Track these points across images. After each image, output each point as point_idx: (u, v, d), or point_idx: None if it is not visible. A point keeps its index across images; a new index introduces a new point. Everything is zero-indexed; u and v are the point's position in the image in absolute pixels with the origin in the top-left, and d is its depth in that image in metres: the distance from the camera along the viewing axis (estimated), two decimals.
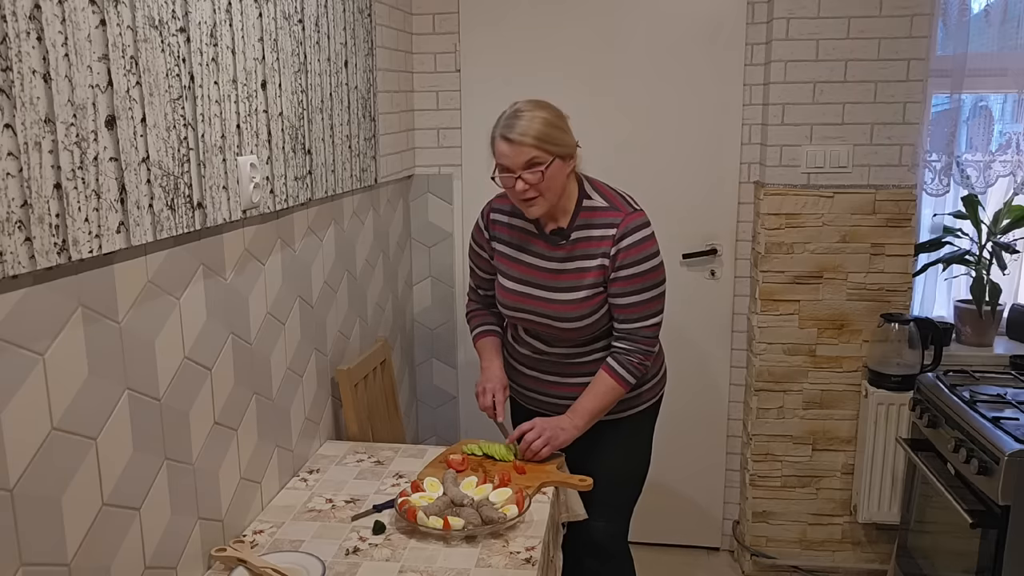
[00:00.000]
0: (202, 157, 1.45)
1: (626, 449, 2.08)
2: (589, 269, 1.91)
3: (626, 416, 2.04)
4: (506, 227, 2.03)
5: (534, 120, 1.81)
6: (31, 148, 1.03)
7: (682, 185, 2.87)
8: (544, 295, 1.95)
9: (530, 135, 1.80)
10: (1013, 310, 2.78)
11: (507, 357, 2.14)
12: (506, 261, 2.02)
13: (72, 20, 1.10)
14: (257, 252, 1.73)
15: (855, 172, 2.66)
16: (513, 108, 1.86)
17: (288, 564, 1.51)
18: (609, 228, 1.89)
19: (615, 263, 1.88)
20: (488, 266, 2.09)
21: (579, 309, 1.91)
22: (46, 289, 1.10)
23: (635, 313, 1.91)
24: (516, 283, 1.99)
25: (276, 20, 1.75)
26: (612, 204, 1.92)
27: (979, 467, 2.02)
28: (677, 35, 2.79)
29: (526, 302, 1.97)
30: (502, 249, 2.03)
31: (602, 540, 2.07)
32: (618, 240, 1.87)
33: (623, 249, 1.87)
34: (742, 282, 2.92)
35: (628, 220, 1.89)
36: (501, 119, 1.85)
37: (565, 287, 1.92)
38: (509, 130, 1.81)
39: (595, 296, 1.91)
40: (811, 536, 2.91)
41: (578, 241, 1.92)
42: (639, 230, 1.88)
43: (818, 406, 2.81)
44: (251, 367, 1.72)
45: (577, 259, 1.92)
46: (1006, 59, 2.54)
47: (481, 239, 2.09)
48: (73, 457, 1.16)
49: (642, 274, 1.88)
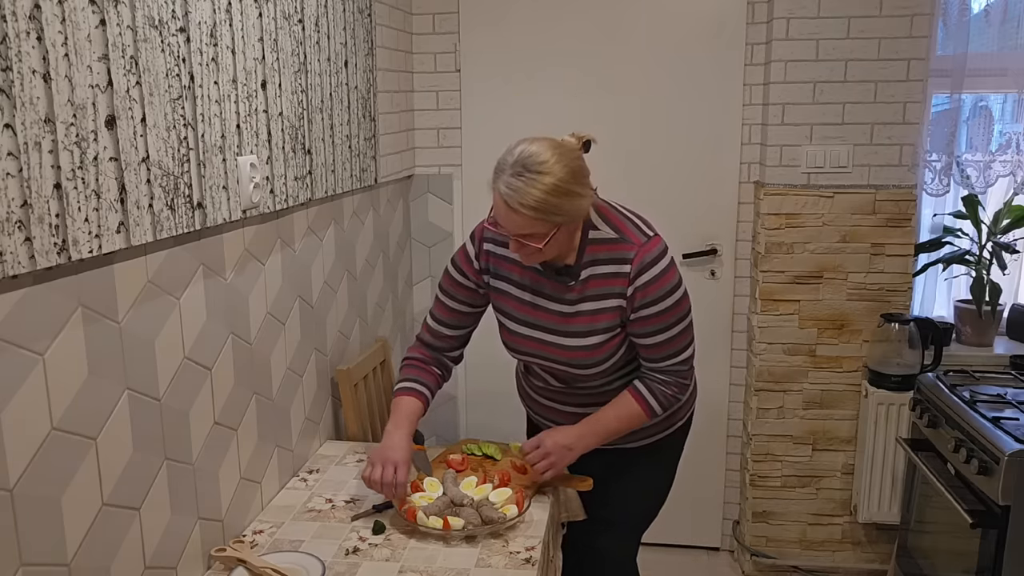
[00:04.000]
0: (202, 157, 1.45)
1: (652, 472, 1.94)
2: (604, 311, 1.70)
3: (654, 441, 1.89)
4: (504, 261, 1.78)
5: (539, 186, 1.52)
6: (31, 148, 1.03)
7: (682, 185, 2.87)
8: (556, 340, 1.75)
9: (531, 206, 1.53)
10: (1013, 310, 2.78)
11: (521, 384, 2.00)
12: (510, 302, 1.80)
13: (72, 20, 1.10)
14: (257, 252, 1.73)
15: (855, 172, 2.66)
16: (519, 155, 1.55)
17: (288, 564, 1.51)
18: (622, 264, 1.67)
19: (634, 304, 1.67)
20: (469, 297, 1.84)
21: (596, 355, 1.72)
22: (46, 289, 1.10)
23: (664, 351, 1.72)
24: (524, 327, 1.79)
25: (276, 20, 1.75)
26: (622, 235, 1.69)
27: (979, 467, 2.02)
28: (677, 35, 2.79)
29: (537, 347, 1.78)
30: (503, 287, 1.80)
31: (611, 557, 1.97)
32: (634, 278, 1.65)
33: (640, 288, 1.65)
34: (742, 282, 2.92)
35: (642, 253, 1.66)
36: (505, 167, 1.56)
37: (578, 332, 1.72)
38: (509, 195, 1.54)
39: (612, 339, 1.71)
40: (811, 536, 2.91)
41: (589, 280, 1.70)
42: (656, 263, 1.65)
43: (818, 406, 2.81)
44: (251, 367, 1.72)
45: (590, 299, 1.70)
46: (1006, 59, 2.54)
47: (467, 267, 1.83)
48: (73, 457, 1.16)
49: (666, 311, 1.67)
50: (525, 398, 2.02)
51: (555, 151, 1.55)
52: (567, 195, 1.54)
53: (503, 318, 1.83)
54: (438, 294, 1.88)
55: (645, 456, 1.91)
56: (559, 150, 1.56)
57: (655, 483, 1.97)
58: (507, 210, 1.56)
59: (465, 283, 1.84)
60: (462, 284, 1.84)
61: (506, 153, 1.58)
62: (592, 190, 1.64)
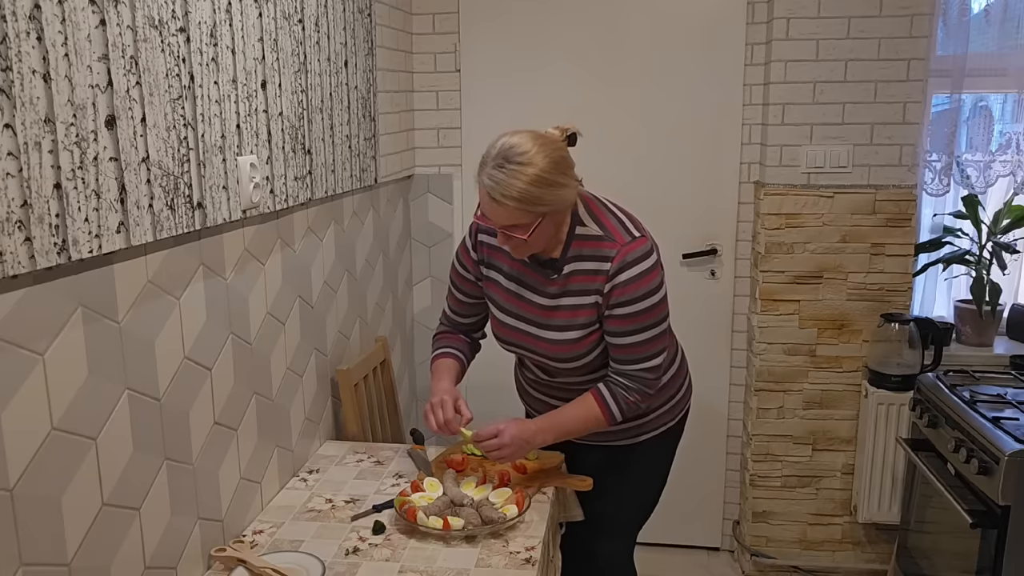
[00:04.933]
0: (202, 157, 1.45)
1: (644, 471, 1.96)
2: (583, 307, 1.72)
3: (644, 440, 1.91)
4: (497, 251, 1.81)
5: (521, 177, 1.54)
6: (31, 148, 1.03)
7: (682, 185, 2.87)
8: (536, 332, 1.78)
9: (514, 197, 1.55)
10: (1013, 310, 2.78)
11: (517, 377, 2.04)
12: (498, 291, 1.84)
13: (72, 20, 1.10)
14: (257, 252, 1.73)
15: (855, 172, 2.66)
16: (501, 147, 1.58)
17: (288, 564, 1.51)
18: (603, 262, 1.67)
19: (608, 300, 1.68)
20: (474, 290, 1.90)
21: (574, 350, 1.75)
22: (46, 289, 1.10)
23: (632, 355, 1.71)
24: (508, 316, 1.82)
25: (276, 20, 1.75)
26: (608, 233, 1.69)
27: (979, 467, 2.02)
28: (677, 35, 2.79)
29: (519, 338, 1.82)
30: (493, 276, 1.84)
31: (607, 557, 1.99)
32: (612, 276, 1.66)
33: (618, 286, 1.66)
34: (742, 282, 2.92)
35: (624, 252, 1.66)
36: (488, 159, 1.59)
37: (558, 325, 1.75)
38: (492, 186, 1.56)
39: (590, 335, 1.73)
40: (811, 536, 2.91)
41: (571, 275, 1.72)
42: (637, 263, 1.66)
43: (818, 406, 2.81)
44: (251, 367, 1.72)
45: (571, 294, 1.73)
46: (1006, 59, 2.55)
47: (468, 260, 1.88)
48: (73, 457, 1.16)
49: (639, 313, 1.67)
50: (521, 391, 2.05)
51: (536, 142, 1.58)
52: (550, 185, 1.57)
53: (492, 307, 1.87)
54: (449, 285, 1.96)
55: (636, 455, 1.93)
56: (540, 141, 1.59)
57: (647, 482, 1.99)
58: (491, 202, 1.59)
59: (467, 276, 1.90)
60: (465, 278, 1.90)
61: (489, 146, 1.61)
62: (576, 181, 1.66)
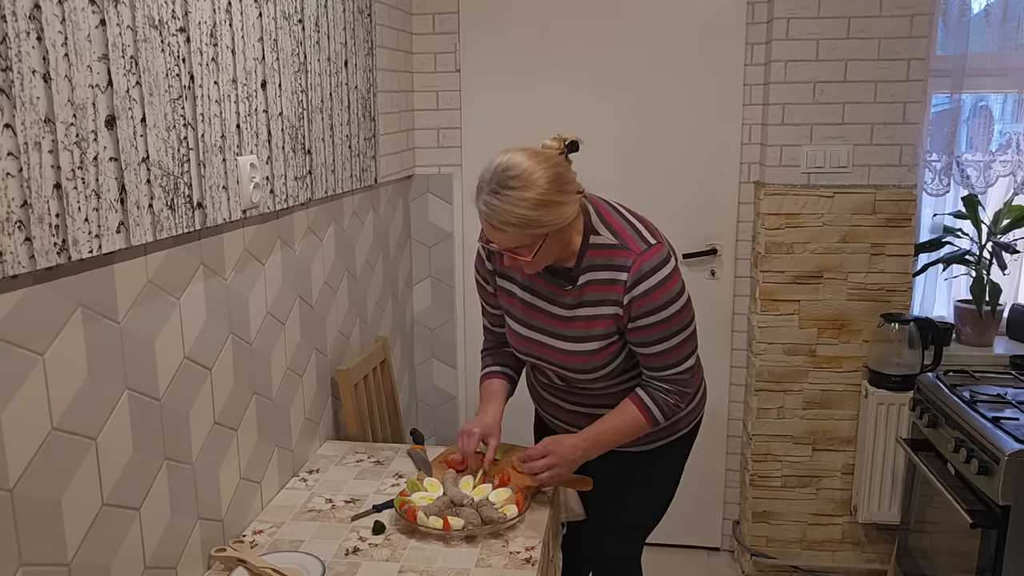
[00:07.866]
0: (202, 157, 1.45)
1: (659, 476, 1.94)
2: (601, 317, 1.67)
3: (658, 446, 1.87)
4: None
5: (519, 204, 1.50)
6: (31, 148, 1.03)
7: (682, 185, 2.87)
8: (553, 343, 1.74)
9: (512, 223, 1.51)
10: (1013, 310, 2.78)
11: (530, 380, 2.00)
12: (512, 301, 1.80)
13: (72, 20, 1.10)
14: (257, 252, 1.73)
15: (855, 172, 2.66)
16: (496, 170, 1.53)
17: (288, 564, 1.51)
18: (619, 272, 1.63)
19: (630, 313, 1.64)
20: (496, 301, 1.87)
21: (592, 361, 1.72)
22: (46, 289, 1.10)
23: (664, 360, 1.69)
24: (524, 327, 1.78)
25: (276, 20, 1.75)
26: (622, 241, 1.65)
27: (979, 467, 2.02)
28: (677, 35, 2.79)
29: (535, 349, 1.78)
30: (506, 286, 1.81)
31: (615, 561, 1.97)
32: (630, 287, 1.62)
33: (637, 297, 1.62)
34: (742, 282, 2.92)
35: (641, 262, 1.62)
36: (483, 184, 1.54)
37: (575, 336, 1.71)
38: (489, 214, 1.53)
39: (609, 346, 1.70)
40: (811, 536, 2.91)
41: (587, 285, 1.67)
42: (655, 272, 1.61)
43: (818, 406, 2.81)
44: (251, 367, 1.72)
45: (587, 305, 1.68)
46: (1006, 59, 2.54)
47: (484, 271, 1.85)
48: (73, 457, 1.16)
49: (664, 321, 1.63)
50: (533, 394, 2.02)
51: (532, 161, 1.53)
52: (547, 206, 1.52)
53: (508, 318, 1.83)
54: (480, 301, 1.93)
55: (652, 460, 1.90)
56: (536, 159, 1.53)
57: (661, 487, 1.97)
58: (490, 228, 1.57)
59: (488, 288, 1.87)
60: (486, 289, 1.87)
61: (484, 169, 1.56)
62: (578, 194, 1.61)
